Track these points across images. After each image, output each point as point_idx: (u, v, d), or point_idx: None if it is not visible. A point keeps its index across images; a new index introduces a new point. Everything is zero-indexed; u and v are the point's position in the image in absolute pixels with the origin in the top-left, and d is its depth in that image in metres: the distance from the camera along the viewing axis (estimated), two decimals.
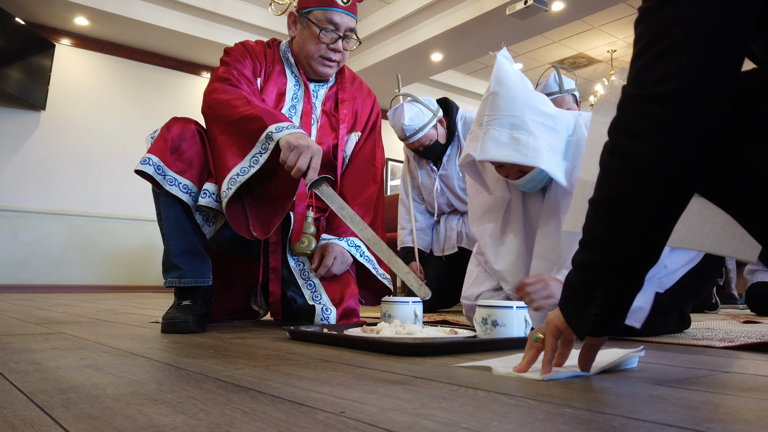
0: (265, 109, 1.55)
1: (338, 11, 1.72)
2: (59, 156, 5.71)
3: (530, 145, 1.34)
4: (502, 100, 1.38)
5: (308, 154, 1.46)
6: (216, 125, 1.60)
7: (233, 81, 1.67)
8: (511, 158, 1.34)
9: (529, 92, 1.40)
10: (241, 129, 1.54)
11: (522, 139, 1.34)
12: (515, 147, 1.34)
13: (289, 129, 1.50)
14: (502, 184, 1.59)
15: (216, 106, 1.61)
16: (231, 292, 1.88)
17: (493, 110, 1.38)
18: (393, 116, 2.71)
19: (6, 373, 0.82)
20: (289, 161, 1.46)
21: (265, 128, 1.49)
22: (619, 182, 0.70)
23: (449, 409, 0.60)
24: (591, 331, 0.76)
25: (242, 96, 1.60)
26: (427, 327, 1.34)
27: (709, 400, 0.66)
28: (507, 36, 5.83)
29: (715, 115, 0.65)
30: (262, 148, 1.51)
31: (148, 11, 5.65)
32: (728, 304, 3.58)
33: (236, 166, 1.51)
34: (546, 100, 1.46)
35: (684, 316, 1.56)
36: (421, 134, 2.66)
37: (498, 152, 1.35)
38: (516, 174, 1.45)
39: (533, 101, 1.39)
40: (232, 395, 0.67)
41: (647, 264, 0.73)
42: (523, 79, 1.42)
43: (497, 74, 1.41)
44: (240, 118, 1.54)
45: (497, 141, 1.35)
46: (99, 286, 5.81)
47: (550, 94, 2.63)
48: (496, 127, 1.36)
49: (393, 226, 3.23)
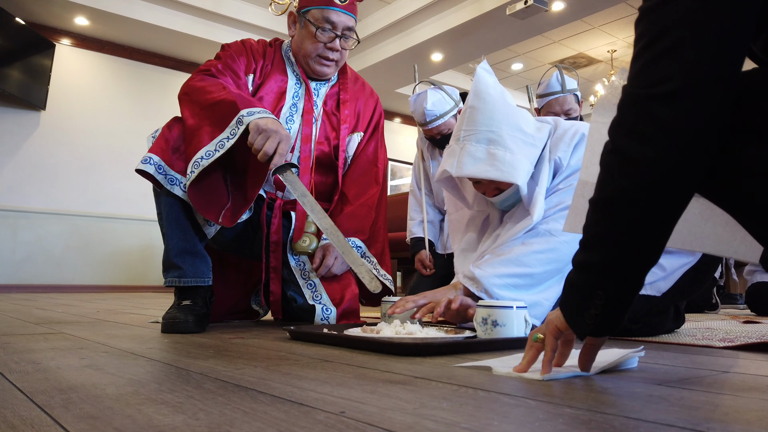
0: (239, 95, 1.55)
1: (336, 10, 1.72)
2: (59, 156, 5.71)
3: (507, 161, 1.30)
4: (479, 114, 1.34)
5: (276, 139, 1.46)
6: (188, 109, 1.59)
7: (213, 71, 1.67)
8: (487, 174, 1.31)
9: (508, 107, 1.36)
10: (212, 113, 1.53)
11: (499, 155, 1.31)
12: (492, 163, 1.30)
13: (260, 113, 1.49)
14: (480, 199, 1.56)
15: (191, 92, 1.61)
16: (231, 292, 1.88)
17: (470, 125, 1.34)
18: (415, 101, 2.71)
19: (6, 373, 0.82)
20: (257, 144, 1.46)
21: (237, 112, 1.49)
22: (620, 182, 0.70)
23: (449, 409, 0.60)
24: (591, 331, 0.76)
25: (218, 83, 1.61)
26: (427, 327, 1.34)
27: (709, 400, 0.66)
28: (507, 36, 5.83)
29: (715, 114, 0.65)
30: (230, 133, 1.50)
31: (148, 11, 5.65)
32: (728, 304, 3.58)
33: (201, 149, 1.50)
34: (526, 115, 1.42)
35: (679, 313, 1.57)
36: (440, 121, 2.66)
37: (475, 168, 1.31)
38: (493, 191, 1.42)
39: (511, 117, 1.35)
40: (232, 395, 0.67)
41: (648, 264, 0.73)
42: (503, 93, 1.38)
43: (476, 88, 1.37)
44: (213, 103, 1.54)
45: (474, 157, 1.32)
46: (99, 286, 5.81)
47: (552, 94, 2.62)
48: (473, 143, 1.33)
49: (394, 227, 3.22)
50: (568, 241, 1.31)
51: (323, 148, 1.81)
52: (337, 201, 1.85)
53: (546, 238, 1.31)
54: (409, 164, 8.66)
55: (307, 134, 1.79)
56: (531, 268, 1.29)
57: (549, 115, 2.63)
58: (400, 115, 8.66)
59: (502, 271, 1.30)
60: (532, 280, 1.30)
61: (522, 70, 7.72)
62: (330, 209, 1.85)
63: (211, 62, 1.72)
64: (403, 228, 3.19)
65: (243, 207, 1.58)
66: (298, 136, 1.79)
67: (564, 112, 2.60)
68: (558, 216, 1.34)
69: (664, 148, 0.66)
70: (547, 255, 1.30)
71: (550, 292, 1.33)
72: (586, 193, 1.12)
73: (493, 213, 1.53)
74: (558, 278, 1.34)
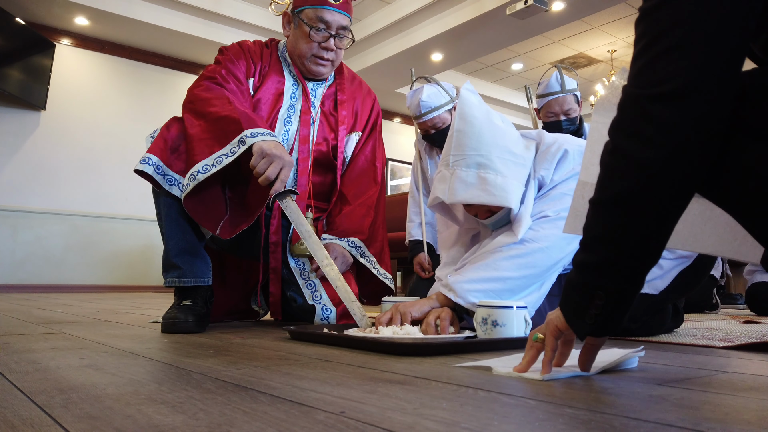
0: (244, 113, 1.54)
1: (329, 9, 1.72)
2: (59, 156, 5.71)
3: (498, 185, 1.30)
4: (467, 138, 1.33)
5: (278, 165, 1.45)
6: (193, 119, 1.59)
7: (219, 80, 1.67)
8: (479, 199, 1.30)
9: (495, 128, 1.35)
10: (216, 128, 1.53)
11: (490, 179, 1.30)
12: (483, 187, 1.30)
13: (264, 136, 1.48)
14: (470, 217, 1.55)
15: (197, 102, 1.61)
16: (231, 292, 1.88)
17: (458, 150, 1.34)
18: (412, 95, 2.71)
19: (6, 373, 0.82)
20: (259, 168, 1.45)
21: (240, 131, 1.48)
22: (620, 183, 0.70)
23: (449, 409, 0.60)
24: (591, 331, 0.76)
25: (224, 96, 1.60)
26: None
27: (709, 400, 0.66)
28: (507, 36, 5.83)
29: (716, 114, 0.65)
30: (230, 151, 1.49)
31: (148, 11, 5.65)
32: (728, 304, 3.58)
33: (199, 163, 1.50)
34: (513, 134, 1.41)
35: (678, 311, 1.57)
36: (435, 114, 2.65)
37: (467, 194, 1.30)
38: (485, 214, 1.41)
39: (499, 138, 1.35)
40: (232, 395, 0.67)
41: (648, 264, 0.73)
42: (489, 114, 1.37)
43: (461, 110, 1.36)
44: (218, 118, 1.54)
45: (465, 182, 1.31)
46: (99, 286, 5.81)
47: (551, 94, 2.62)
48: (463, 168, 1.32)
49: (393, 226, 3.22)
50: (543, 249, 1.29)
51: (321, 148, 1.81)
52: (336, 201, 1.85)
53: (521, 244, 1.30)
54: (409, 164, 8.66)
55: (305, 135, 1.79)
56: (504, 272, 1.28)
57: (549, 115, 2.63)
58: (400, 115, 8.66)
59: (475, 275, 1.29)
60: (506, 285, 1.28)
61: (522, 70, 7.72)
62: (328, 209, 1.85)
63: (214, 68, 1.71)
64: (403, 228, 3.19)
65: (243, 223, 1.57)
66: (296, 136, 1.79)
67: (563, 113, 2.60)
68: (535, 224, 1.33)
69: (664, 149, 0.66)
70: (520, 260, 1.29)
71: (530, 297, 1.31)
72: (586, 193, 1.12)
73: (484, 231, 1.53)
74: (537, 285, 1.32)
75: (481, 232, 1.55)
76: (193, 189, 1.49)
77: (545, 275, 1.32)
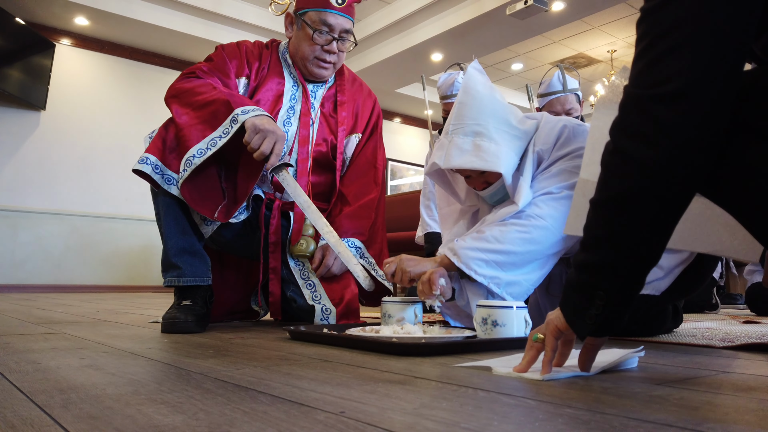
0: (231, 93, 1.56)
1: (333, 12, 1.72)
2: (59, 156, 5.71)
3: (491, 151, 1.34)
4: (467, 109, 1.39)
5: (272, 139, 1.48)
6: (179, 108, 1.59)
7: (198, 74, 1.67)
8: (472, 164, 1.34)
9: (496, 102, 1.40)
10: (205, 112, 1.54)
11: (484, 146, 1.35)
12: (477, 153, 1.35)
13: (255, 111, 1.50)
14: (472, 194, 1.59)
15: (180, 94, 1.61)
16: (231, 292, 1.87)
17: (458, 119, 1.39)
18: (446, 76, 2.82)
19: (6, 373, 0.82)
20: (253, 143, 1.47)
21: (230, 111, 1.50)
22: (621, 183, 0.70)
23: (449, 409, 0.60)
24: (591, 331, 0.76)
25: (207, 83, 1.61)
26: (426, 327, 1.34)
27: (709, 400, 0.66)
28: (507, 36, 5.83)
29: (717, 115, 0.65)
30: (223, 131, 1.50)
31: (148, 11, 5.65)
32: (728, 304, 3.57)
33: (193, 147, 1.50)
34: (514, 110, 1.45)
35: (677, 311, 1.57)
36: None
37: (461, 159, 1.35)
38: (482, 185, 1.45)
39: (499, 111, 1.39)
40: (232, 395, 0.67)
41: (648, 264, 0.73)
42: (492, 89, 1.42)
43: (465, 84, 1.41)
44: (205, 103, 1.55)
45: (460, 149, 1.36)
46: (99, 286, 5.80)
47: (553, 93, 2.63)
48: (461, 136, 1.37)
49: (393, 227, 3.22)
50: (547, 226, 1.33)
51: (321, 149, 1.81)
52: (336, 202, 1.85)
53: (526, 220, 1.34)
54: (409, 164, 8.66)
55: (304, 136, 1.79)
56: (509, 245, 1.32)
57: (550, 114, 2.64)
58: (400, 115, 8.65)
59: (480, 245, 1.33)
60: (509, 258, 1.32)
61: (522, 70, 7.72)
62: (328, 209, 1.85)
63: (197, 65, 1.72)
64: (403, 228, 3.19)
65: (238, 202, 1.59)
66: (296, 138, 1.79)
67: (565, 112, 2.61)
68: (539, 200, 1.37)
69: (665, 149, 0.66)
70: (524, 235, 1.33)
71: (531, 275, 1.35)
72: (587, 192, 1.12)
73: (483, 207, 1.55)
74: (539, 263, 1.36)
75: (481, 210, 1.57)
76: (190, 176, 1.49)
77: (548, 252, 1.35)
